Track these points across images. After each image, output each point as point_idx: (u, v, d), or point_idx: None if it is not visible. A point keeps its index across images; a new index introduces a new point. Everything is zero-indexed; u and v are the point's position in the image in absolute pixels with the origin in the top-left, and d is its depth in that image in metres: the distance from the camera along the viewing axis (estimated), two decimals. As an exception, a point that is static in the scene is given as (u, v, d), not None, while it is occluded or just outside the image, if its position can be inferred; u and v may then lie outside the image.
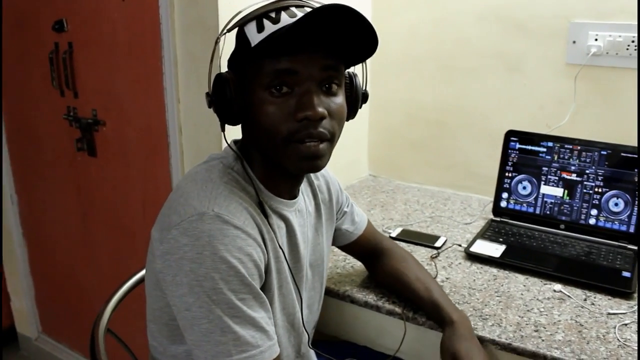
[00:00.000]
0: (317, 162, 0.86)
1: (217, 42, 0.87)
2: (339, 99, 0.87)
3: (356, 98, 0.95)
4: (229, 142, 0.94)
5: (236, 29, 0.87)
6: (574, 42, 1.59)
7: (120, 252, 1.81)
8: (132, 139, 1.61)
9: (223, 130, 0.90)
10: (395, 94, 1.93)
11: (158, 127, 1.49)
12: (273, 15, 0.82)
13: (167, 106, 1.45)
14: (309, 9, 0.85)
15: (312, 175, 1.11)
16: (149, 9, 1.40)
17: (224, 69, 0.90)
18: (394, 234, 1.52)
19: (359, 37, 0.84)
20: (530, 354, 1.04)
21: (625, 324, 1.12)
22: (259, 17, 0.83)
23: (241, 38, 0.85)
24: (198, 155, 1.46)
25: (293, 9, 0.84)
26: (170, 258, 0.80)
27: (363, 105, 0.99)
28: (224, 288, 0.78)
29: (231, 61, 0.90)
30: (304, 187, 1.06)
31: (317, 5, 0.83)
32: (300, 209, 1.00)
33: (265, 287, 0.89)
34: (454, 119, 1.86)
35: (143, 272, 1.18)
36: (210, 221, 0.79)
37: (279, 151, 0.85)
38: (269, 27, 0.81)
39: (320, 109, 0.82)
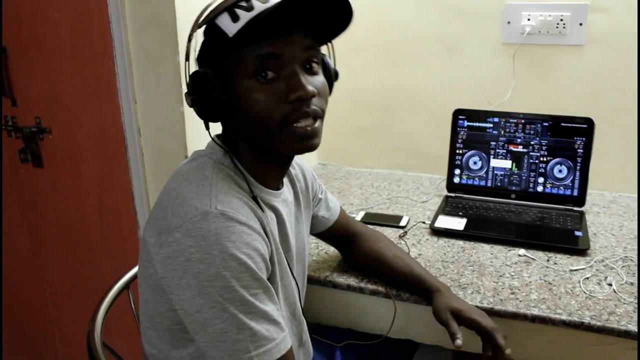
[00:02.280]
0: (314, 140, 0.86)
1: (190, 40, 0.84)
2: (321, 77, 0.88)
3: (330, 76, 0.95)
4: (213, 138, 0.92)
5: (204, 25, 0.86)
6: (509, 22, 1.69)
7: (77, 265, 1.72)
8: (83, 145, 1.53)
9: (208, 128, 0.89)
10: (339, 82, 1.92)
11: (113, 130, 1.43)
12: (244, 3, 0.81)
13: (123, 108, 1.40)
14: None
15: None
16: (96, 8, 1.34)
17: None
18: (358, 218, 1.55)
19: (333, 13, 0.84)
20: (512, 314, 1.11)
21: (587, 278, 1.22)
22: (229, 7, 0.82)
23: (214, 31, 0.83)
24: (161, 156, 1.42)
25: None
26: (174, 262, 0.78)
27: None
28: (236, 285, 0.77)
29: (203, 57, 0.88)
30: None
31: None
32: (285, 199, 1.00)
33: (270, 279, 0.88)
34: (399, 102, 1.92)
35: (121, 282, 1.14)
36: (214, 219, 0.78)
37: (274, 136, 0.84)
38: (245, 15, 0.80)
39: (311, 88, 0.82)
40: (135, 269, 1.16)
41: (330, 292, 1.26)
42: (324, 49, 0.94)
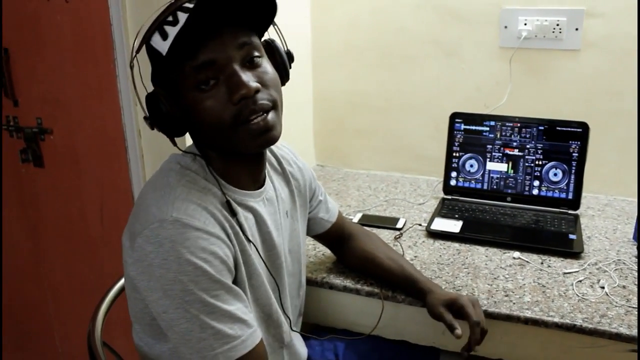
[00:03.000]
0: (270, 133, 0.87)
1: (132, 68, 0.86)
2: (266, 67, 0.88)
3: (282, 61, 0.95)
4: (187, 148, 0.95)
5: (144, 48, 0.87)
6: (506, 27, 1.71)
7: (77, 264, 1.74)
8: (84, 145, 1.55)
9: (175, 144, 0.92)
10: (338, 84, 1.98)
11: (113, 131, 1.45)
12: (170, 18, 0.82)
13: (123, 109, 1.42)
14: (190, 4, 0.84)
15: (284, 162, 1.12)
16: (98, 11, 1.36)
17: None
18: (355, 220, 1.57)
19: (255, 2, 0.85)
20: (505, 316, 1.13)
21: (580, 281, 1.24)
22: (159, 25, 0.82)
23: (152, 52, 0.85)
24: (160, 157, 1.40)
25: (186, 4, 0.83)
26: (140, 265, 0.82)
27: (305, 90, 1.01)
28: (194, 289, 0.80)
29: (154, 78, 0.90)
30: (274, 175, 1.07)
31: None
32: (269, 197, 1.01)
33: (237, 280, 0.90)
34: (396, 105, 1.94)
35: (121, 282, 1.16)
36: (170, 226, 0.80)
37: (231, 138, 0.86)
38: (172, 31, 0.81)
39: (253, 83, 0.83)
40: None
41: (327, 294, 1.28)
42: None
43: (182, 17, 0.80)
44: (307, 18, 1.92)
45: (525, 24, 1.68)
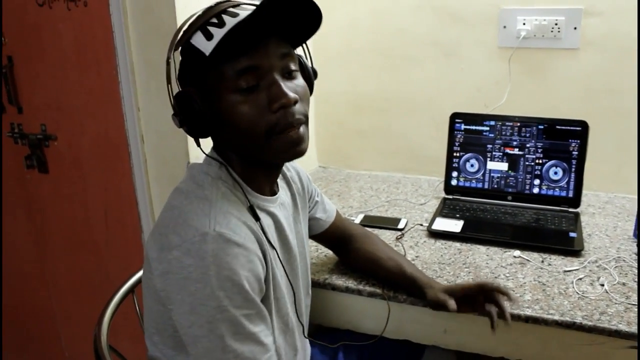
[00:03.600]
0: (301, 147, 0.89)
1: (168, 64, 0.86)
2: (301, 81, 0.90)
3: (309, 76, 0.96)
4: (208, 153, 0.94)
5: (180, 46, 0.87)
6: (505, 27, 1.72)
7: (82, 268, 1.76)
8: (87, 151, 1.57)
9: (199, 145, 0.91)
10: (339, 86, 1.99)
11: (117, 137, 1.47)
12: (215, 20, 0.83)
13: (126, 115, 1.43)
14: (246, 5, 0.86)
15: (284, 167, 1.12)
16: (99, 18, 1.38)
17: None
18: (357, 221, 1.58)
19: (303, 17, 0.86)
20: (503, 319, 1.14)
21: (580, 279, 1.25)
22: (202, 26, 0.83)
23: (190, 51, 0.85)
24: (164, 163, 1.45)
25: (231, 9, 0.85)
26: (172, 277, 0.81)
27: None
28: (228, 305, 0.80)
29: (183, 76, 0.89)
30: (279, 180, 1.08)
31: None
32: (282, 202, 1.03)
33: (264, 296, 0.90)
34: (397, 105, 1.95)
35: (126, 286, 1.17)
36: (213, 241, 0.80)
37: (263, 147, 0.87)
38: (217, 33, 0.81)
39: (293, 94, 0.84)
40: (139, 274, 1.20)
41: (329, 294, 1.29)
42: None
43: (229, 20, 0.82)
44: (308, 21, 1.93)
45: (524, 24, 1.69)
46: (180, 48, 0.87)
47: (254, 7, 0.82)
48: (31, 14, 1.50)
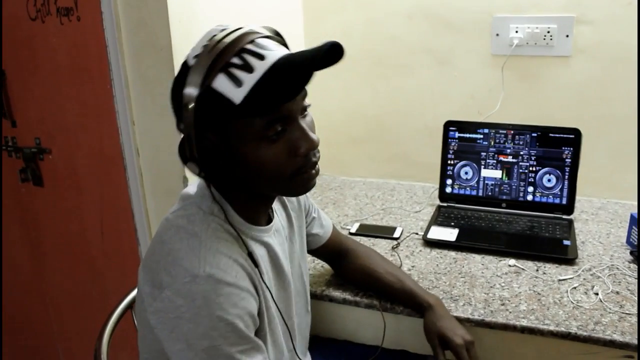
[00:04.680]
0: (314, 182, 0.90)
1: (186, 108, 0.78)
2: (311, 115, 0.89)
3: None
4: (200, 184, 0.92)
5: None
6: (497, 34, 1.73)
7: (79, 281, 1.76)
8: (82, 165, 1.57)
9: (209, 187, 0.86)
10: (333, 94, 1.99)
11: (112, 150, 1.47)
12: (239, 62, 0.78)
13: (121, 129, 1.43)
14: (262, 40, 0.82)
15: None
16: (93, 32, 1.37)
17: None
18: (353, 230, 1.59)
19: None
20: (502, 326, 1.15)
21: (575, 287, 1.26)
22: (224, 69, 0.78)
23: (213, 96, 0.78)
24: (160, 176, 1.45)
25: (250, 47, 0.80)
26: (164, 316, 0.81)
27: None
28: (222, 344, 0.79)
29: (200, 120, 0.79)
30: (275, 203, 1.06)
31: (263, 33, 0.83)
32: (277, 229, 1.02)
33: (259, 329, 0.90)
34: (391, 113, 1.96)
35: (125, 302, 1.17)
36: (203, 282, 0.79)
37: (284, 186, 0.87)
38: (247, 79, 0.77)
39: (315, 137, 0.85)
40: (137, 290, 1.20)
41: (327, 306, 1.30)
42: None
43: (256, 62, 0.78)
44: (301, 28, 1.94)
45: (517, 32, 1.70)
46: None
47: (266, 53, 0.79)
48: (23, 28, 1.50)
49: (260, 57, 0.78)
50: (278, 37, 0.86)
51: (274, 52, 0.80)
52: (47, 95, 1.54)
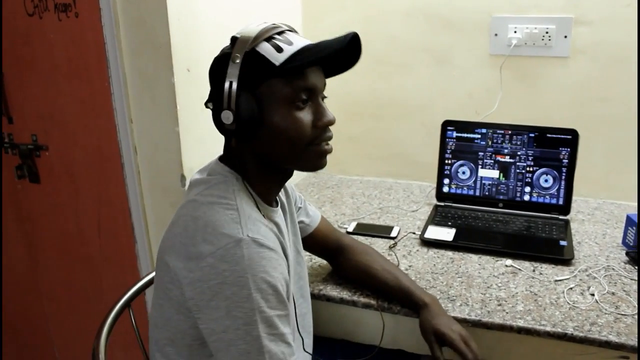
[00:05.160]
0: (326, 159, 0.98)
1: (233, 61, 0.89)
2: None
3: None
4: (218, 168, 0.98)
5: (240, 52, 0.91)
6: (496, 34, 1.73)
7: (75, 278, 1.75)
8: (80, 162, 1.56)
9: (236, 145, 0.94)
10: (331, 91, 1.96)
11: (109, 148, 1.46)
12: (281, 37, 0.91)
13: (119, 127, 1.43)
14: (295, 34, 0.95)
15: None
16: (91, 30, 1.37)
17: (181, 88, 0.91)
18: (350, 229, 1.59)
19: (345, 59, 0.99)
20: (499, 326, 1.15)
21: (571, 288, 1.27)
22: (269, 39, 0.90)
23: (256, 58, 0.90)
24: (157, 174, 1.45)
25: (293, 33, 0.95)
26: (204, 285, 0.84)
27: None
28: (264, 306, 0.83)
29: (241, 79, 0.91)
30: None
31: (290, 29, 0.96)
32: (280, 213, 1.07)
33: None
34: (389, 111, 1.96)
35: (123, 301, 1.17)
36: (247, 246, 0.84)
37: (300, 155, 0.94)
38: (287, 48, 0.90)
39: (333, 116, 0.96)
40: (135, 288, 1.20)
41: (324, 305, 1.30)
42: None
43: (295, 39, 0.92)
44: (299, 27, 1.94)
45: (515, 32, 1.71)
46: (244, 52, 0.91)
47: (298, 39, 0.92)
48: (21, 24, 1.49)
49: (298, 39, 0.93)
50: None
51: (307, 40, 0.94)
52: (44, 92, 1.53)
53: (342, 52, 0.91)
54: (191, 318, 0.87)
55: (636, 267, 1.35)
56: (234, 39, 0.92)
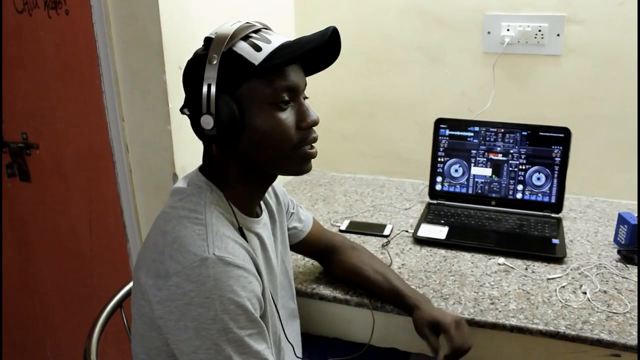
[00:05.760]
0: (310, 165, 0.95)
1: (210, 62, 0.85)
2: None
3: None
4: (195, 178, 0.94)
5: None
6: (489, 32, 1.73)
7: (67, 277, 1.74)
8: (71, 160, 1.55)
9: (210, 152, 0.92)
10: (324, 89, 1.98)
11: (100, 146, 1.45)
12: (258, 35, 0.88)
13: (110, 125, 1.41)
14: (271, 32, 0.92)
15: None
16: (82, 27, 1.35)
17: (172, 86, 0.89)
18: (343, 227, 1.58)
19: (325, 56, 0.94)
20: (492, 325, 1.16)
21: (563, 286, 1.27)
22: (245, 37, 0.87)
23: (233, 58, 0.86)
24: (149, 173, 1.44)
25: (269, 31, 0.91)
26: (172, 304, 0.81)
27: None
28: (233, 327, 0.80)
29: (220, 81, 0.87)
30: None
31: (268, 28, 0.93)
32: (265, 223, 1.04)
33: (262, 315, 0.91)
34: (382, 109, 1.96)
35: (115, 301, 1.16)
36: (213, 265, 0.81)
37: (286, 158, 0.91)
38: (266, 47, 0.86)
39: (317, 116, 0.92)
40: (127, 287, 1.19)
41: (317, 304, 1.30)
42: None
43: (273, 37, 0.88)
44: (292, 25, 1.93)
45: (508, 30, 1.71)
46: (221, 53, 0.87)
47: (275, 36, 0.90)
48: (10, 21, 1.47)
49: (276, 36, 0.90)
50: None
51: (284, 37, 0.91)
52: (35, 90, 1.52)
53: (323, 48, 0.87)
54: (164, 335, 0.85)
55: (627, 266, 1.36)
56: (208, 40, 0.88)
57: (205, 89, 0.85)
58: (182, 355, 0.83)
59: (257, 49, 0.86)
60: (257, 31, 0.89)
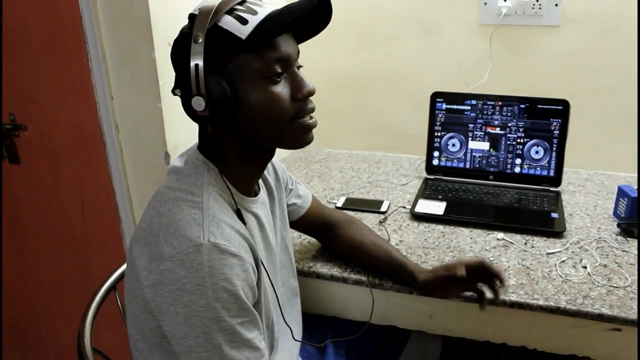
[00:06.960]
0: (312, 134, 0.92)
1: (195, 41, 0.81)
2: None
3: None
4: (194, 156, 0.91)
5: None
6: (485, 3, 1.69)
7: (61, 259, 1.72)
8: (60, 141, 1.51)
9: (205, 132, 0.89)
10: (317, 64, 1.94)
11: (90, 126, 1.41)
12: (243, 7, 0.84)
13: (99, 104, 1.38)
14: (257, 1, 0.87)
15: None
16: (66, 3, 1.30)
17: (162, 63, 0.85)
18: (339, 204, 1.57)
19: (317, 21, 0.90)
20: (491, 300, 1.14)
21: (563, 261, 1.26)
22: (230, 11, 0.83)
23: (219, 34, 0.82)
24: (140, 152, 1.41)
25: (254, 1, 0.87)
26: (164, 289, 0.79)
27: None
28: (225, 316, 0.79)
29: (207, 59, 0.83)
30: None
31: None
32: (263, 201, 1.02)
33: (256, 302, 0.89)
34: (377, 84, 1.92)
35: (108, 283, 1.14)
36: (207, 252, 0.79)
37: (284, 130, 0.88)
38: (252, 19, 0.82)
39: (313, 86, 0.89)
40: (120, 270, 1.17)
41: (314, 282, 1.28)
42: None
43: (258, 9, 0.84)
44: (284, -3, 1.88)
45: (505, 0, 1.67)
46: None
47: (262, 7, 0.85)
48: (-10, -2, 1.43)
49: (261, 6, 0.86)
50: None
51: (271, 6, 0.86)
52: (20, 69, 1.47)
53: (312, 15, 0.83)
54: (157, 317, 0.83)
55: (628, 239, 1.35)
56: (192, 17, 0.84)
57: (193, 68, 0.82)
58: (173, 338, 0.82)
59: (244, 22, 0.82)
60: (242, 2, 0.85)
